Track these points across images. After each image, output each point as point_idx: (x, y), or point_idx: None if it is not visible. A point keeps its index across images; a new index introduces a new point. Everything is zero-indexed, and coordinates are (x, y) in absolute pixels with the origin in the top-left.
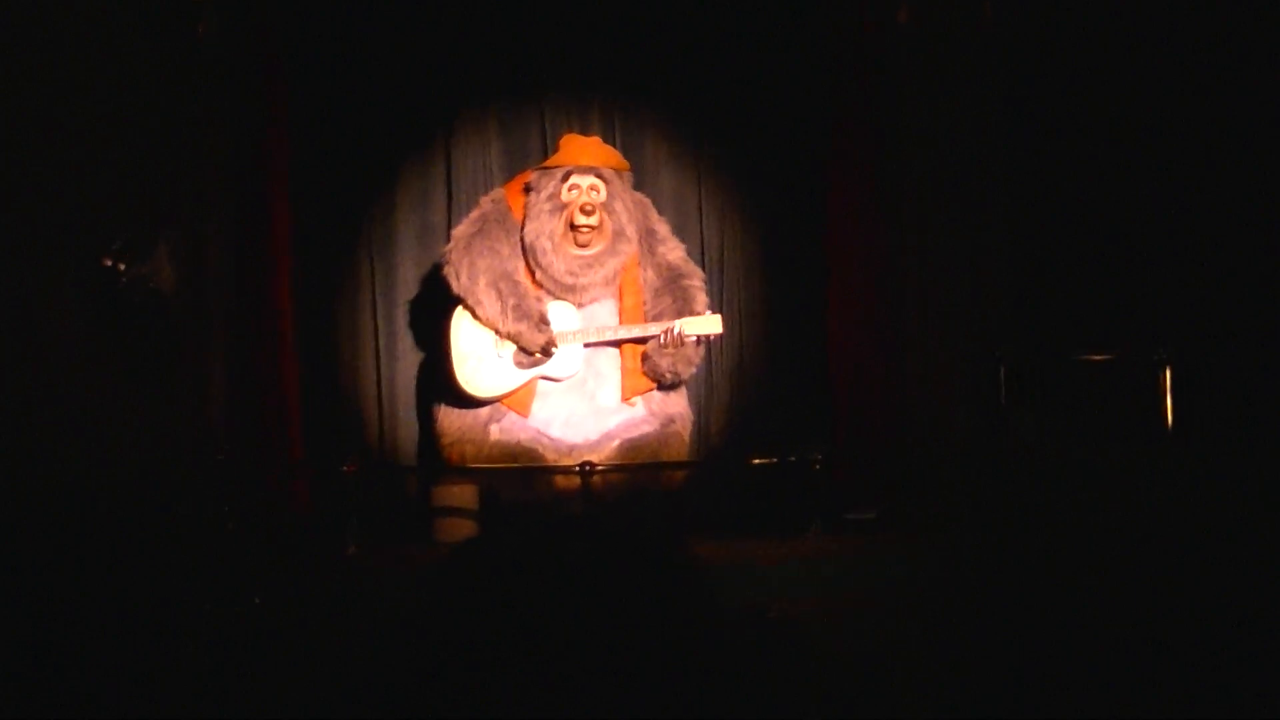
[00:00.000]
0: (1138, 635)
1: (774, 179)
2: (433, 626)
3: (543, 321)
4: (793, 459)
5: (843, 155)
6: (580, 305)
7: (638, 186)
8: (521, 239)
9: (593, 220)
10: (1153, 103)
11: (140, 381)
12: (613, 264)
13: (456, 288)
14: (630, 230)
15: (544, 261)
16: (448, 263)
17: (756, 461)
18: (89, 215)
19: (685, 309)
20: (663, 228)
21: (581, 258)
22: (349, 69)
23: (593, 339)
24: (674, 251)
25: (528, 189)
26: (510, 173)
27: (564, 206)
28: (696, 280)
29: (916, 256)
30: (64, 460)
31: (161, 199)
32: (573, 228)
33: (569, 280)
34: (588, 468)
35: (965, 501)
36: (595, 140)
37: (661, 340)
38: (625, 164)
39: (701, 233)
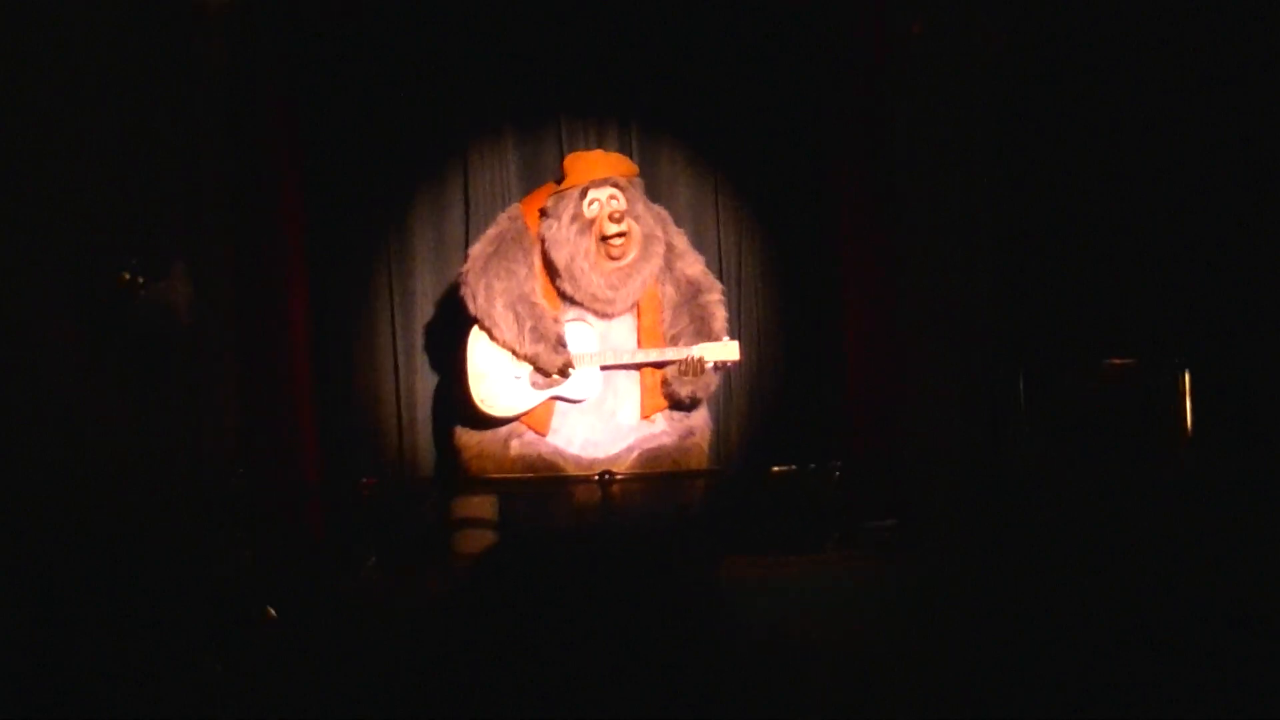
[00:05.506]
0: (1153, 646)
1: (791, 191)
2: (446, 640)
3: (560, 344)
4: (812, 467)
5: (852, 165)
6: (612, 317)
7: (655, 199)
8: (550, 263)
9: (623, 226)
10: (1173, 108)
11: (153, 397)
12: (648, 269)
13: (473, 309)
14: (657, 231)
15: (583, 282)
16: (465, 284)
17: (776, 470)
18: (99, 228)
19: (704, 329)
20: (681, 241)
21: (619, 269)
22: (366, 82)
23: (610, 362)
24: (693, 266)
25: (544, 214)
26: (528, 185)
27: (590, 223)
28: (716, 295)
29: (929, 264)
30: (73, 476)
31: (172, 212)
32: (604, 240)
33: (608, 294)
34: (607, 477)
35: (979, 511)
36: (599, 153)
37: (680, 369)
38: (634, 168)
39: (719, 244)
